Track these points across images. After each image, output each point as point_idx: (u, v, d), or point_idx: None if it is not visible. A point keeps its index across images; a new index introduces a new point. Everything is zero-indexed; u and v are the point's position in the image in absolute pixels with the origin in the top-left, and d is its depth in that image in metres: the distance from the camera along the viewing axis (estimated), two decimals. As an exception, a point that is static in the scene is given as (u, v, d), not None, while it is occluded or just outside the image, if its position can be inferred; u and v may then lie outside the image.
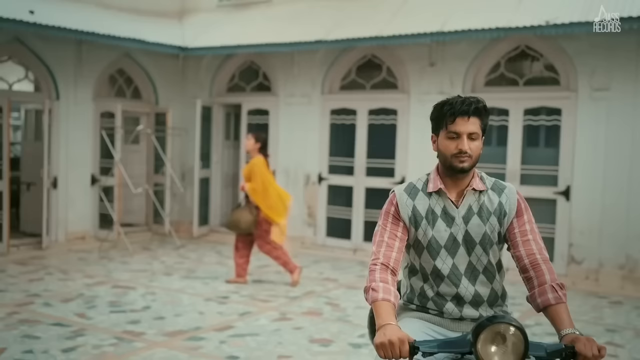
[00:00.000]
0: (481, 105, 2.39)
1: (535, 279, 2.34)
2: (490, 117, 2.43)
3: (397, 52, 8.73)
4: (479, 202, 2.44)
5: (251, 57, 10.04)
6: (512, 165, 8.02)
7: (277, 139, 9.77)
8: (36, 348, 4.75)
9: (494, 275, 2.47)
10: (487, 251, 2.43)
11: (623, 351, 5.11)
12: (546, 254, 2.40)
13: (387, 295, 2.26)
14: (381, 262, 2.38)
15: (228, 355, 4.74)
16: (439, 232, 2.42)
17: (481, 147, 2.39)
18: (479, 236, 2.42)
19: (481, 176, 2.49)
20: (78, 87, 9.30)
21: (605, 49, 7.40)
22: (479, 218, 2.43)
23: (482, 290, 2.45)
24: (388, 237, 2.43)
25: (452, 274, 2.43)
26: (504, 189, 2.48)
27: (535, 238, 2.42)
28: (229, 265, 8.22)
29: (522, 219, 2.44)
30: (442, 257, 2.43)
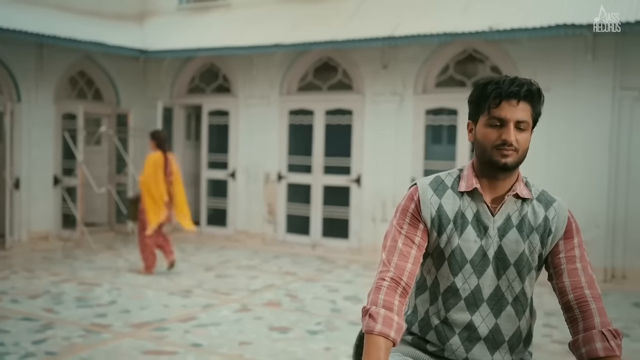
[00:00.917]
0: (535, 88, 1.93)
1: (581, 321, 1.88)
2: (542, 105, 1.99)
3: (351, 55, 9.11)
4: (521, 213, 1.98)
5: (211, 60, 10.30)
6: (461, 163, 8.46)
7: (237, 139, 10.06)
8: (7, 341, 4.96)
9: (524, 310, 2.00)
10: (522, 276, 1.97)
11: (556, 331, 5.57)
12: (598, 289, 1.94)
13: (386, 329, 1.83)
14: (391, 277, 1.92)
15: (192, 343, 5.03)
16: (466, 242, 1.96)
17: (529, 141, 1.94)
18: (515, 255, 1.96)
19: (526, 182, 2.04)
20: (39, 89, 9.43)
21: (546, 52, 7.89)
22: (517, 232, 1.96)
23: (505, 326, 1.98)
24: (403, 243, 1.97)
25: (472, 296, 1.97)
26: (552, 202, 2.01)
27: (585, 267, 1.96)
28: (191, 261, 8.49)
29: (571, 242, 1.98)
30: (464, 274, 1.97)
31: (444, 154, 8.65)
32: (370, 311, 1.86)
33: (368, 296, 1.93)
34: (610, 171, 7.61)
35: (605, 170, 7.63)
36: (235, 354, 4.80)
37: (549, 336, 5.45)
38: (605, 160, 7.63)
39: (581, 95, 7.73)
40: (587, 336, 1.85)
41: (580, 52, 7.68)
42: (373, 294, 1.92)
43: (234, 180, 10.14)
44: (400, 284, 1.93)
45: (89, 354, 4.71)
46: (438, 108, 8.66)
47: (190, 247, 9.66)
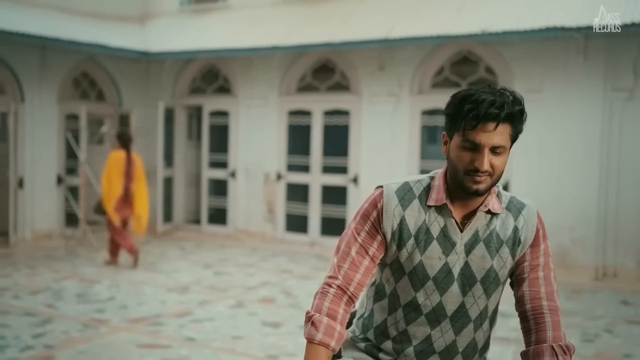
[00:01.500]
0: (516, 110, 1.75)
1: (534, 333, 1.83)
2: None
3: (349, 56, 9.25)
4: (489, 227, 1.87)
5: (211, 61, 10.46)
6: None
7: (237, 139, 10.22)
8: (8, 335, 5.14)
9: (482, 324, 1.94)
10: (488, 293, 1.89)
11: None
12: (557, 301, 1.88)
13: (327, 338, 1.80)
14: (338, 285, 1.88)
15: (186, 337, 5.19)
16: (430, 259, 1.87)
17: (505, 163, 1.80)
18: (482, 272, 1.87)
19: (498, 192, 1.91)
20: (43, 89, 9.61)
21: (539, 54, 8.01)
22: (485, 248, 1.86)
23: (461, 341, 1.93)
24: (356, 252, 1.89)
25: (434, 313, 1.90)
26: (521, 208, 1.90)
27: (547, 276, 1.89)
28: (190, 259, 8.66)
29: (537, 250, 1.89)
30: (427, 290, 1.88)
31: (439, 154, 8.78)
32: (313, 319, 1.82)
33: (314, 299, 1.89)
34: (601, 171, 7.73)
35: (596, 170, 7.75)
36: (227, 348, 4.96)
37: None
38: (596, 160, 7.75)
39: (573, 96, 7.85)
40: (538, 350, 1.80)
41: (572, 53, 7.80)
42: (318, 299, 1.87)
43: (234, 179, 10.30)
44: (347, 293, 1.88)
45: (86, 347, 4.88)
46: (433, 109, 8.79)
47: (191, 245, 9.84)
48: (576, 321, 5.95)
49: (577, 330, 5.65)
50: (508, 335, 5.28)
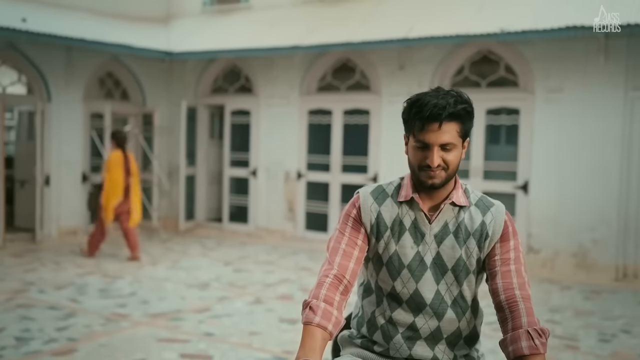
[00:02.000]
0: (460, 108, 1.94)
1: (510, 321, 1.94)
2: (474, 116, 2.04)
3: (369, 56, 9.30)
4: (458, 219, 2.06)
5: (233, 61, 10.59)
6: (475, 162, 8.60)
7: (258, 138, 10.33)
8: (32, 327, 5.30)
9: (463, 312, 2.08)
10: (459, 280, 2.06)
11: (559, 327, 5.71)
12: (528, 290, 2.01)
13: (325, 322, 1.90)
14: (334, 275, 2.01)
15: (204, 332, 5.30)
16: (403, 249, 2.05)
17: (461, 157, 2.01)
18: (452, 261, 2.05)
19: (465, 189, 2.11)
20: (69, 89, 9.81)
21: (559, 54, 7.99)
22: (454, 239, 2.05)
23: (445, 327, 2.08)
24: (346, 244, 2.07)
25: (413, 300, 2.06)
26: (490, 206, 2.08)
27: (518, 269, 2.02)
28: (211, 256, 8.79)
29: (506, 245, 2.05)
30: (403, 278, 2.06)
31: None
32: (311, 304, 1.92)
33: (310, 292, 1.99)
34: (621, 171, 7.69)
35: (617, 170, 7.71)
36: (244, 343, 5.06)
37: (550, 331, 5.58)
38: (616, 160, 7.70)
39: (593, 96, 7.81)
40: (514, 335, 1.91)
41: (593, 53, 7.76)
42: (315, 289, 1.98)
43: (255, 178, 10.41)
44: (343, 282, 2.01)
45: (107, 341, 5.02)
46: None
47: (212, 242, 9.97)
48: (594, 321, 5.94)
49: (594, 330, 5.66)
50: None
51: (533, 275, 7.91)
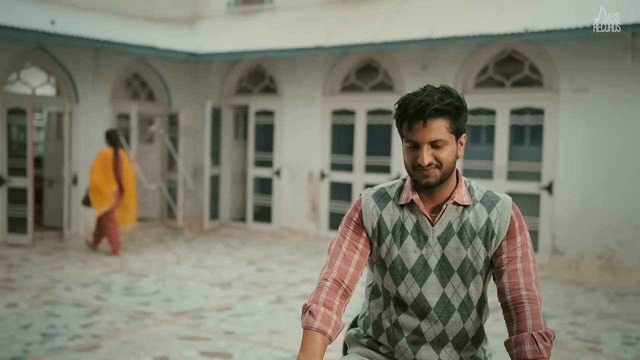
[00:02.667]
0: (445, 103, 1.89)
1: (515, 322, 1.93)
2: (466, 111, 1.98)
3: (392, 56, 9.29)
4: (462, 219, 2.00)
5: (258, 61, 10.66)
6: (499, 163, 8.54)
7: (282, 138, 10.38)
8: (58, 324, 5.41)
9: (469, 313, 2.04)
10: (466, 282, 2.01)
11: (582, 329, 5.65)
12: (536, 290, 1.96)
13: (324, 326, 1.90)
14: (334, 278, 2.00)
15: (225, 331, 5.36)
16: (406, 253, 2.01)
17: (457, 154, 1.97)
18: (458, 262, 1.99)
19: (469, 186, 2.05)
20: (96, 90, 9.97)
21: (584, 53, 7.90)
22: (458, 240, 1.99)
23: (450, 330, 2.04)
24: (347, 248, 2.05)
25: (417, 305, 2.02)
26: (496, 202, 2.02)
27: (526, 267, 1.97)
28: (235, 255, 8.86)
29: (513, 242, 1.99)
30: (407, 283, 2.02)
31: (481, 153, 8.76)
32: (311, 308, 1.93)
33: (310, 296, 1.99)
34: (648, 172, 7.57)
35: (644, 171, 7.59)
36: (264, 342, 5.10)
37: (572, 333, 5.54)
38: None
39: (619, 96, 7.71)
40: (519, 338, 1.89)
41: (619, 52, 7.65)
42: (315, 293, 1.98)
43: (279, 178, 10.47)
44: (342, 286, 2.00)
45: (130, 338, 5.10)
46: (477, 108, 8.75)
47: (236, 242, 10.05)
48: (618, 324, 5.87)
49: (618, 333, 5.59)
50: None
51: (557, 277, 7.84)
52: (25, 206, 8.98)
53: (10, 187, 9.05)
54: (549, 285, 7.44)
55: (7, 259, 8.14)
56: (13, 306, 5.96)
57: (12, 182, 9.04)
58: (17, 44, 8.96)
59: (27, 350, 4.77)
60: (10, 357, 4.63)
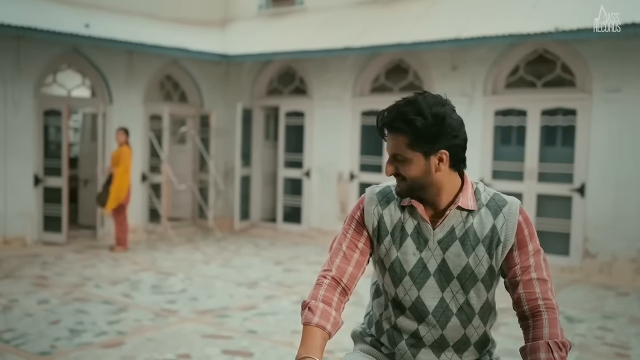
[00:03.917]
0: (400, 122, 1.85)
1: (532, 330, 1.90)
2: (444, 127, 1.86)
3: (422, 57, 9.25)
4: (466, 224, 1.94)
5: (288, 62, 10.72)
6: (530, 164, 8.42)
7: (312, 139, 10.42)
8: (86, 320, 5.53)
9: (469, 320, 1.99)
10: (466, 289, 1.96)
11: (610, 334, 5.54)
12: (552, 298, 1.92)
13: (324, 322, 1.90)
14: (332, 277, 2.00)
15: (248, 330, 5.41)
16: (405, 255, 1.98)
17: (426, 170, 1.88)
18: (458, 269, 1.94)
19: (476, 189, 1.98)
20: (129, 92, 10.15)
21: (618, 52, 7.74)
22: (460, 246, 1.93)
23: (450, 335, 2.00)
24: (347, 247, 2.03)
25: (415, 308, 1.99)
26: (502, 206, 1.94)
27: (540, 275, 1.92)
28: (263, 255, 8.92)
29: (525, 250, 1.93)
30: (405, 285, 1.99)
31: (512, 155, 8.64)
32: (310, 305, 1.93)
33: (310, 293, 1.99)
34: (684, 174, 7.38)
35: (679, 173, 7.41)
36: (286, 341, 5.13)
37: (600, 338, 5.43)
38: (679, 162, 7.41)
39: (654, 96, 7.54)
40: (534, 346, 1.86)
41: (654, 51, 7.49)
42: (314, 290, 1.98)
43: (309, 179, 10.50)
44: (340, 284, 1.99)
45: (154, 335, 5.18)
46: (507, 109, 8.66)
47: (265, 242, 10.11)
48: (648, 329, 5.74)
49: (647, 338, 5.46)
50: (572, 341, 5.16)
51: (588, 281, 7.70)
52: (60, 205, 9.19)
53: (46, 187, 9.27)
54: (579, 288, 7.31)
55: (42, 257, 8.34)
56: (44, 302, 6.11)
57: (48, 182, 9.27)
58: (53, 47, 9.18)
59: (54, 345, 4.89)
60: (38, 351, 4.75)
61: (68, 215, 9.35)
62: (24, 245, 8.98)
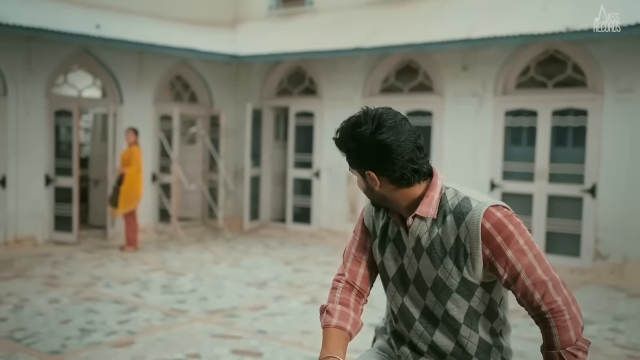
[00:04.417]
0: (335, 138, 1.88)
1: (544, 337, 1.81)
2: (364, 150, 1.82)
3: (432, 57, 9.22)
4: (431, 235, 1.85)
5: (298, 63, 10.72)
6: (540, 165, 8.38)
7: (322, 140, 10.41)
8: (96, 320, 5.55)
9: (457, 329, 1.90)
10: (441, 300, 1.87)
11: (622, 336, 5.50)
12: (556, 298, 1.76)
13: (343, 322, 1.90)
14: (346, 280, 2.02)
15: (257, 330, 5.41)
16: (388, 260, 1.97)
17: (364, 186, 1.89)
18: (430, 280, 1.87)
19: (444, 193, 1.85)
20: (140, 92, 10.19)
21: (630, 52, 7.69)
22: (428, 257, 1.86)
23: (442, 342, 1.93)
24: (356, 249, 2.05)
25: (402, 314, 1.97)
26: (466, 213, 1.80)
27: (536, 279, 1.75)
28: (272, 256, 8.93)
29: (503, 259, 1.76)
30: (390, 291, 2.00)
31: (522, 156, 8.60)
32: (328, 308, 1.95)
33: (327, 297, 2.03)
34: (696, 175, 7.32)
35: (691, 174, 7.35)
36: (295, 341, 5.13)
37: (612, 340, 5.40)
38: (691, 163, 7.35)
39: (666, 96, 7.48)
40: (549, 356, 1.80)
41: (666, 51, 7.43)
42: (330, 294, 2.02)
43: (318, 179, 10.50)
44: (355, 287, 2.01)
45: (164, 335, 5.20)
46: (518, 109, 8.62)
47: (275, 242, 10.12)
48: (660, 331, 5.69)
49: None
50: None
51: (600, 282, 7.65)
52: (71, 205, 9.24)
53: (57, 187, 9.32)
54: (590, 290, 7.27)
55: (53, 256, 8.38)
56: (55, 302, 6.14)
57: (58, 182, 9.31)
58: (64, 47, 9.23)
59: (65, 344, 4.91)
60: (49, 350, 4.77)
61: (79, 215, 9.39)
62: (35, 245, 9.03)
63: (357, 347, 4.60)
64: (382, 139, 1.78)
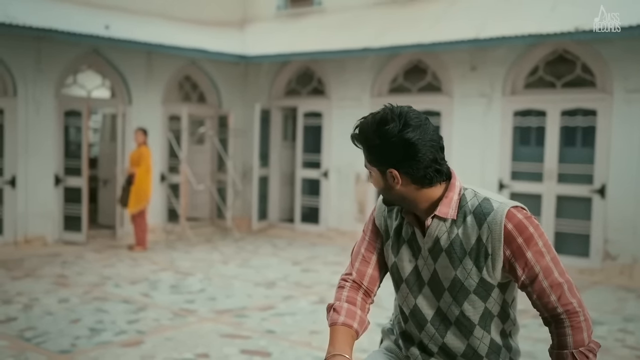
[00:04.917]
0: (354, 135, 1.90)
1: (556, 337, 1.83)
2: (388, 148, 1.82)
3: (440, 58, 9.21)
4: (450, 235, 1.86)
5: (306, 63, 10.73)
6: (549, 165, 8.36)
7: (330, 140, 10.42)
8: (106, 319, 5.58)
9: (470, 331, 1.92)
10: (458, 301, 1.89)
11: (632, 337, 5.48)
12: (572, 300, 1.79)
13: (350, 320, 1.91)
14: (353, 280, 2.02)
15: (266, 330, 5.42)
16: (401, 262, 1.97)
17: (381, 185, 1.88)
18: (447, 281, 1.89)
19: (463, 195, 1.87)
20: (149, 92, 10.22)
21: (639, 53, 7.65)
22: (447, 258, 1.86)
23: (453, 343, 1.95)
24: (365, 249, 2.04)
25: (414, 316, 1.98)
26: (487, 214, 1.81)
27: (553, 281, 1.79)
28: (281, 256, 8.94)
29: (525, 260, 1.78)
30: (402, 292, 2.00)
31: (531, 156, 8.58)
32: (334, 306, 1.95)
33: (334, 296, 2.03)
34: None
35: (702, 174, 7.30)
36: (304, 341, 5.14)
37: (621, 341, 5.38)
38: (702, 163, 7.31)
39: (677, 96, 7.44)
40: (560, 356, 1.82)
41: (676, 51, 7.39)
42: (337, 292, 2.01)
43: (327, 179, 10.50)
44: (362, 287, 2.01)
45: (173, 334, 5.22)
46: (526, 109, 8.60)
47: (283, 242, 10.13)
48: (670, 332, 5.67)
49: (669, 341, 5.40)
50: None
51: (609, 283, 7.62)
52: (80, 205, 9.28)
53: (66, 187, 9.37)
54: (599, 290, 7.24)
55: (62, 256, 8.43)
56: (65, 301, 6.17)
57: (68, 182, 9.36)
58: (74, 48, 9.27)
59: (74, 344, 4.94)
60: (59, 350, 4.80)
61: (88, 215, 9.44)
62: (45, 245, 9.08)
63: (365, 347, 4.61)
64: (410, 137, 1.78)
